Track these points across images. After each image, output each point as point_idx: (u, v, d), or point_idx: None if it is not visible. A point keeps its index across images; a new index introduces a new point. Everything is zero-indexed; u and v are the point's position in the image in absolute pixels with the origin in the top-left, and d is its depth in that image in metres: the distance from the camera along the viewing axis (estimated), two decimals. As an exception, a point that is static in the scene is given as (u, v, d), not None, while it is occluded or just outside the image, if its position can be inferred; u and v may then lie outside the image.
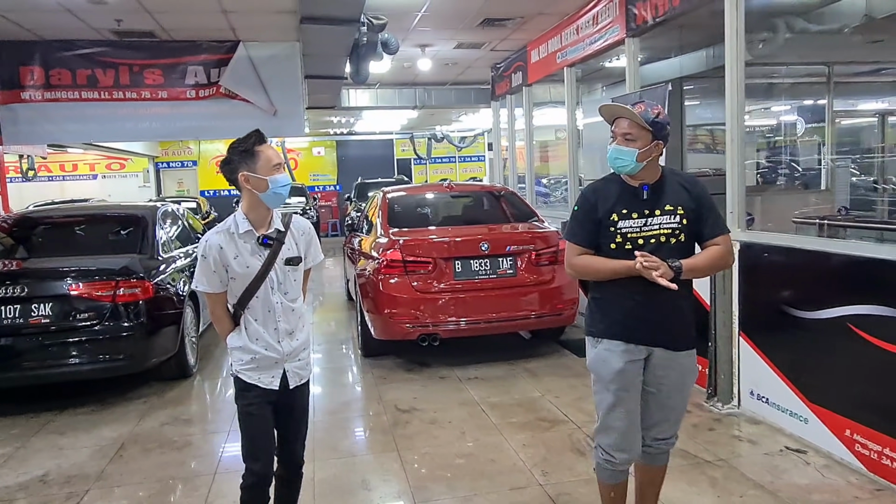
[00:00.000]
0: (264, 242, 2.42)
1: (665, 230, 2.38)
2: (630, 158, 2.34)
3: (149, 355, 4.91)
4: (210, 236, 2.43)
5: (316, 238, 2.62)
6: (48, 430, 4.39)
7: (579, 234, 2.48)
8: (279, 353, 2.46)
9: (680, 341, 2.46)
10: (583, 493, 3.25)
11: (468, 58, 8.72)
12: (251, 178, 2.36)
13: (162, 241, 5.60)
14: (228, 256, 2.40)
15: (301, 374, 2.54)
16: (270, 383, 2.46)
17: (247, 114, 7.07)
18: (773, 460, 3.51)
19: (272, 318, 2.44)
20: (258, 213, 2.43)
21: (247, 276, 2.41)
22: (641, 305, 2.38)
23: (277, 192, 2.39)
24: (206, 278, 2.42)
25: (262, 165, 2.37)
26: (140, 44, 6.90)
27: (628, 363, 2.42)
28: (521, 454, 3.72)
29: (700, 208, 2.42)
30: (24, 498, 3.46)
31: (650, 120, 2.34)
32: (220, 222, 2.47)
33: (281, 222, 2.49)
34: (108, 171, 21.96)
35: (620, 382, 2.43)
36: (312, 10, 5.22)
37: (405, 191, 6.90)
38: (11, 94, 6.72)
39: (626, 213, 2.39)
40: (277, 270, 2.44)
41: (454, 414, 4.41)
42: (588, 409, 4.36)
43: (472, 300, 5.24)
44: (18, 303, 4.50)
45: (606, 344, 2.45)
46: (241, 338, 2.46)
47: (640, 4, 5.26)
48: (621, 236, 2.39)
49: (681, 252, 2.39)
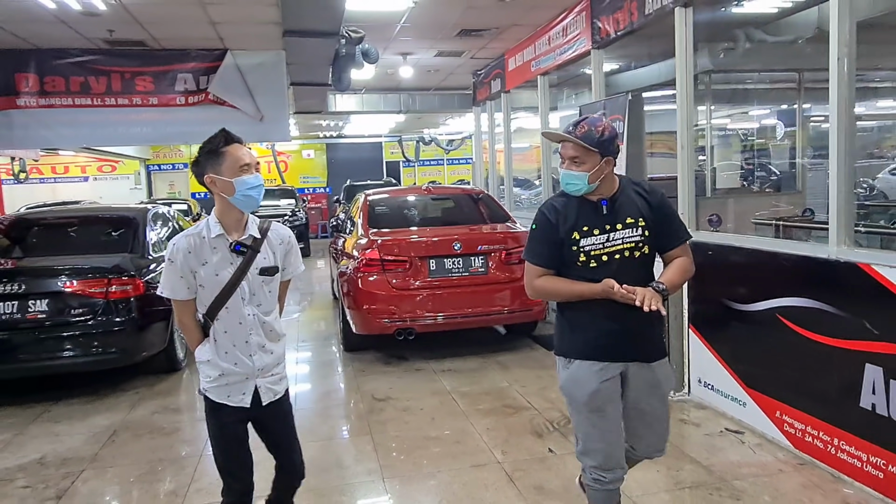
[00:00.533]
0: (236, 249, 2.27)
1: (628, 244, 2.34)
2: (582, 182, 2.32)
3: (139, 349, 5.19)
4: (178, 239, 2.30)
5: (297, 248, 2.47)
6: (44, 419, 4.67)
7: (539, 254, 2.41)
8: (249, 368, 2.32)
9: (654, 352, 2.45)
10: (536, 469, 3.57)
11: (449, 65, 9.05)
12: (217, 181, 2.22)
13: (152, 242, 5.88)
14: (196, 262, 2.25)
15: (275, 389, 2.40)
16: (241, 401, 2.32)
17: (234, 119, 7.36)
18: (713, 440, 3.84)
19: (243, 330, 2.30)
20: (230, 217, 2.29)
21: (216, 285, 2.26)
22: (617, 323, 2.33)
23: (246, 195, 2.23)
24: (170, 283, 2.28)
25: (228, 167, 2.21)
26: (131, 52, 7.19)
27: (603, 382, 2.36)
28: (484, 437, 4.04)
29: (660, 217, 2.39)
30: (24, 478, 3.74)
31: (595, 140, 2.29)
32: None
33: (258, 229, 2.34)
34: (100, 174, 22.13)
35: (596, 403, 2.36)
36: (294, 24, 5.55)
37: (386, 193, 7.22)
38: (7, 100, 7.00)
39: (588, 230, 2.34)
40: (250, 280, 2.29)
41: (426, 402, 4.72)
42: (551, 396, 4.69)
43: (446, 297, 5.56)
44: (16, 299, 4.78)
45: (579, 364, 2.39)
46: (209, 351, 2.32)
47: (603, 18, 5.60)
48: (585, 255, 2.33)
49: (646, 264, 2.38)
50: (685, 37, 4.51)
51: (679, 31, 4.51)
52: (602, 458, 2.38)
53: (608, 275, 2.28)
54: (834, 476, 3.28)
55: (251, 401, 2.33)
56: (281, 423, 2.44)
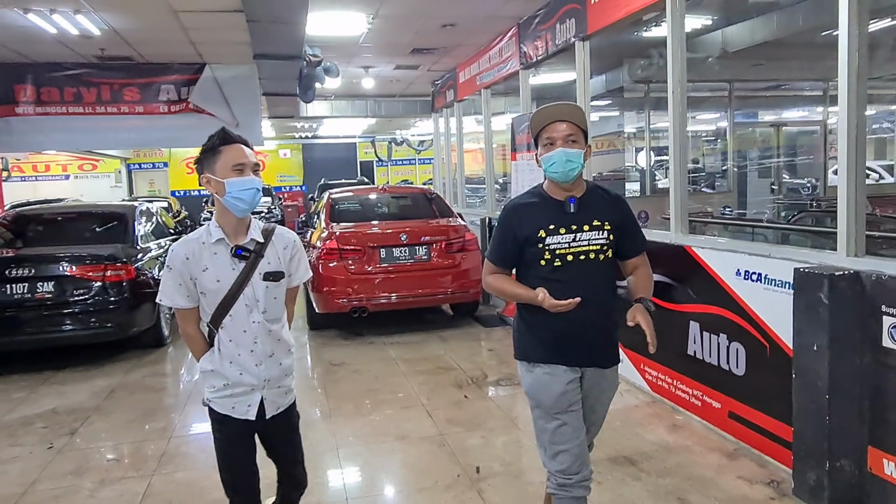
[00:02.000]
0: (238, 254, 2.17)
1: (594, 246, 2.31)
2: (579, 161, 2.26)
3: (131, 325, 6.09)
4: (176, 245, 2.21)
5: (303, 252, 2.37)
6: (52, 382, 5.56)
7: (496, 252, 2.43)
8: (256, 377, 2.22)
9: (609, 358, 2.45)
10: (451, 409, 4.55)
11: (409, 76, 10.01)
12: (211, 180, 2.14)
13: (140, 234, 6.77)
14: (196, 268, 2.16)
15: (279, 402, 2.30)
16: (246, 412, 2.23)
17: (212, 126, 8.03)
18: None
19: (248, 338, 2.20)
20: (229, 221, 2.19)
21: (219, 292, 2.16)
22: (571, 327, 2.31)
23: (237, 196, 2.12)
24: (169, 291, 2.19)
25: (221, 167, 2.12)
26: (120, 66, 8.05)
27: (568, 384, 2.35)
28: (415, 389, 5.01)
29: (625, 224, 2.39)
30: (41, 422, 4.64)
31: (583, 121, 2.32)
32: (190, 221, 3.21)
33: (260, 233, 2.24)
34: (80, 172, 22.67)
35: (561, 406, 2.34)
36: (261, 48, 6.48)
37: (348, 192, 8.16)
38: (7, 108, 7.84)
39: (554, 228, 2.29)
40: (254, 286, 2.19)
41: (374, 366, 5.68)
42: (477, 360, 5.69)
43: (395, 280, 6.52)
44: (26, 282, 5.66)
45: (544, 368, 2.36)
46: (214, 360, 2.23)
47: (528, 44, 6.59)
48: (549, 253, 2.29)
49: (609, 268, 2.36)
50: (584, 63, 5.51)
51: (578, 59, 5.51)
52: (570, 459, 2.33)
53: (571, 275, 2.28)
54: (673, 408, 4.32)
55: (256, 413, 2.23)
56: (286, 436, 2.37)
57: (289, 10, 5.08)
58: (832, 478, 2.92)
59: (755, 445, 3.59)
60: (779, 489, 3.21)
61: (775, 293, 3.34)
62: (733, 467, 3.48)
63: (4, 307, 5.61)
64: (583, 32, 5.39)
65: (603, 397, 2.51)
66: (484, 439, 4.02)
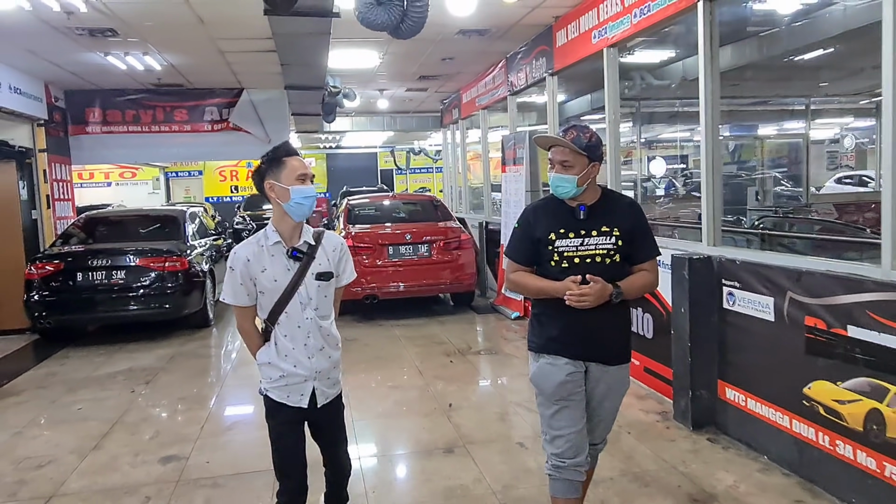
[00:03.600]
0: (293, 255, 2.37)
1: (601, 250, 2.44)
2: (571, 185, 2.44)
3: (184, 307, 7.43)
4: (238, 248, 2.41)
5: (349, 254, 2.56)
6: (124, 350, 6.92)
7: (517, 251, 2.58)
8: (308, 369, 2.40)
9: (613, 356, 2.53)
10: (437, 369, 5.79)
11: (419, 97, 11.31)
12: (275, 187, 2.34)
13: (190, 233, 8.14)
14: (256, 269, 2.36)
15: (329, 392, 2.49)
16: (299, 401, 2.42)
17: (248, 142, 9.65)
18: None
19: (302, 333, 2.38)
20: (286, 225, 2.39)
21: (275, 291, 2.35)
22: (575, 322, 2.44)
23: (299, 203, 2.34)
24: (232, 291, 2.39)
25: (286, 175, 2.33)
26: (171, 91, 9.47)
27: (569, 375, 2.49)
28: (412, 356, 6.26)
29: (635, 231, 2.50)
30: (121, 376, 5.98)
31: (583, 145, 2.43)
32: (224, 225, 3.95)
33: (312, 236, 2.44)
34: (121, 179, 24.23)
35: (560, 394, 2.49)
36: (291, 81, 7.82)
37: (364, 198, 9.46)
38: (79, 128, 9.30)
39: (564, 232, 2.46)
40: (307, 285, 2.38)
41: (381, 341, 6.94)
42: (466, 338, 6.91)
43: (401, 272, 7.78)
44: (104, 270, 7.04)
45: (548, 359, 2.52)
46: (271, 354, 2.41)
47: (512, 74, 7.84)
48: (558, 255, 2.45)
49: (615, 271, 2.45)
50: (553, 94, 6.74)
51: (548, 91, 6.74)
52: (565, 445, 2.50)
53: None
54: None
55: (308, 402, 2.42)
56: (333, 424, 2.56)
57: (313, 54, 6.40)
58: (695, 404, 4.10)
59: (659, 390, 4.76)
60: (664, 416, 4.40)
61: (665, 273, 4.53)
62: (639, 405, 4.66)
63: (86, 290, 7.00)
64: (551, 69, 6.62)
65: (610, 395, 2.57)
66: (459, 388, 5.26)
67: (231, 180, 23.48)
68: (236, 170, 23.21)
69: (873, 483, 2.95)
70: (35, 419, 4.90)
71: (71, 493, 3.64)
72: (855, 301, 2.99)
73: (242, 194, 22.03)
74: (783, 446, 3.51)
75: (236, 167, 23.00)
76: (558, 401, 2.51)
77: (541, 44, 6.78)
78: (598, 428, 2.63)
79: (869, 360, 2.94)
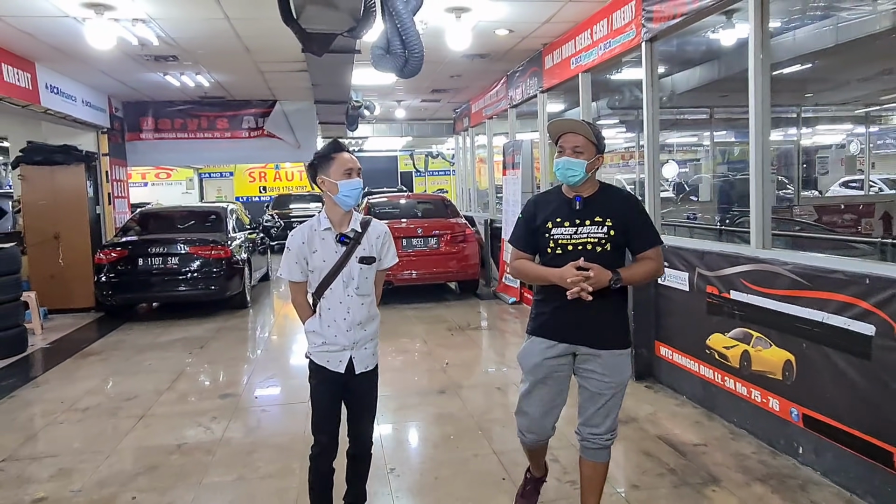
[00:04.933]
0: (341, 240, 2.61)
1: (592, 239, 2.56)
2: (580, 169, 2.55)
3: (227, 289, 8.66)
4: (296, 231, 2.69)
5: (391, 242, 2.78)
6: (177, 325, 8.18)
7: (519, 238, 2.73)
8: (347, 339, 2.65)
9: (602, 341, 2.60)
10: (439, 339, 6.93)
11: (433, 106, 12.49)
12: (326, 182, 2.58)
13: (231, 227, 9.39)
14: (308, 250, 2.62)
15: (366, 362, 2.72)
16: (338, 367, 2.66)
17: (281, 147, 10.91)
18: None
19: (343, 308, 2.63)
20: (335, 214, 2.64)
21: (323, 269, 2.61)
22: (564, 307, 2.55)
23: (347, 195, 2.58)
24: (288, 268, 2.67)
25: (335, 170, 2.57)
26: (214, 102, 10.77)
27: (547, 359, 2.63)
28: (420, 331, 7.41)
29: (629, 222, 2.59)
30: (178, 342, 7.22)
31: (595, 134, 2.57)
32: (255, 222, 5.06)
33: (359, 224, 2.66)
34: (157, 180, 25.62)
35: (536, 375, 2.66)
36: (320, 97, 9.03)
37: (382, 197, 10.65)
38: (134, 135, 10.64)
39: (560, 221, 2.59)
40: (351, 267, 2.61)
41: (394, 320, 8.10)
42: (467, 318, 8.05)
43: (414, 262, 8.94)
44: (161, 256, 8.31)
45: (531, 340, 2.70)
46: (315, 323, 2.68)
47: (512, 90, 8.96)
48: (553, 242, 2.58)
49: (606, 260, 2.53)
50: (543, 108, 7.84)
51: (539, 106, 7.85)
52: (528, 421, 2.72)
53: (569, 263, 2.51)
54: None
55: (346, 368, 2.67)
56: (365, 391, 2.77)
57: (339, 76, 7.59)
58: (637, 360, 5.17)
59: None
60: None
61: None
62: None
63: (145, 273, 8.27)
64: (542, 87, 7.73)
65: (606, 381, 2.61)
66: (455, 353, 6.39)
67: (259, 181, 24.83)
68: (264, 171, 24.57)
69: (745, 405, 4.03)
70: (116, 370, 6.15)
71: (157, 414, 4.85)
72: (735, 272, 4.08)
73: (270, 194, 23.37)
74: (694, 386, 4.59)
75: (264, 169, 24.35)
76: (533, 381, 2.69)
77: (534, 65, 7.90)
78: (596, 415, 2.65)
79: (742, 315, 4.02)
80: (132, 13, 5.59)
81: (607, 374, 2.62)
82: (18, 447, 4.26)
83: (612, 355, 2.62)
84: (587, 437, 2.69)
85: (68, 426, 4.67)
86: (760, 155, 4.01)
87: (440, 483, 3.57)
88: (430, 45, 6.47)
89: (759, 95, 3.96)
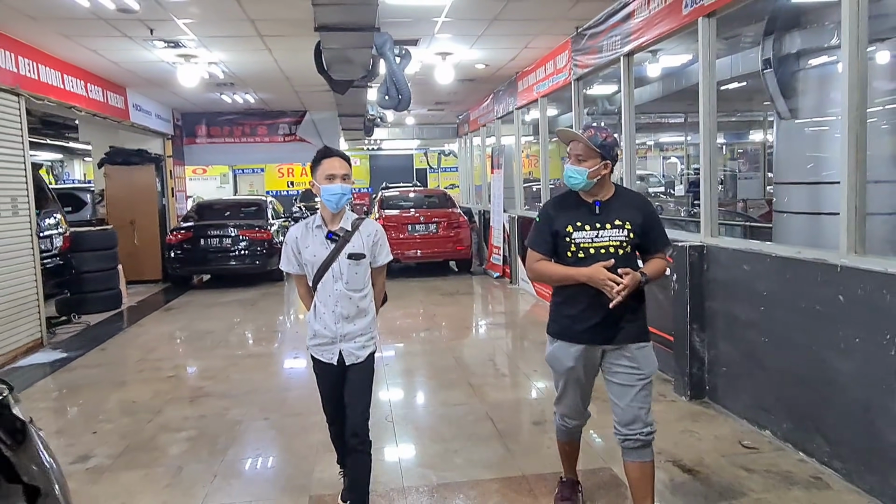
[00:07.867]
0: (329, 237, 2.80)
1: (613, 242, 2.64)
2: (582, 176, 2.65)
3: (268, 265, 10.83)
4: (291, 228, 2.93)
5: (384, 240, 2.94)
6: (232, 291, 10.39)
7: (538, 242, 2.77)
8: (334, 333, 2.82)
9: (625, 336, 2.69)
10: (435, 303, 9.05)
11: (439, 114, 14.62)
12: (314, 184, 2.83)
13: (270, 215, 11.60)
14: (301, 245, 2.85)
15: (357, 354, 2.86)
16: (329, 359, 2.85)
17: (310, 150, 12.78)
18: (513, 293, 9.26)
19: (332, 302, 2.80)
20: (326, 213, 2.84)
21: (314, 264, 2.81)
22: (587, 309, 2.64)
23: (327, 198, 2.77)
24: (286, 259, 2.92)
25: (320, 174, 2.79)
26: (256, 112, 13.00)
27: (577, 359, 2.72)
28: (418, 296, 9.52)
29: (646, 225, 2.71)
30: (234, 303, 9.43)
31: (598, 143, 2.64)
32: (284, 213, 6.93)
33: (350, 223, 2.83)
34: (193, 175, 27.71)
35: (570, 375, 2.79)
36: (342, 111, 11.18)
37: (394, 191, 12.80)
38: (191, 140, 12.94)
39: (580, 225, 2.67)
40: (340, 263, 2.78)
41: (400, 289, 10.20)
42: (460, 288, 10.15)
43: (417, 243, 11.06)
44: (216, 238, 10.54)
45: (558, 344, 2.77)
46: (310, 315, 2.90)
47: (497, 105, 11.02)
48: (575, 245, 2.65)
49: (627, 261, 2.64)
50: (518, 124, 9.89)
51: (515, 121, 9.90)
52: (569, 410, 2.91)
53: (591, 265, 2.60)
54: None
55: (337, 360, 2.85)
56: (357, 381, 2.90)
57: (357, 98, 9.75)
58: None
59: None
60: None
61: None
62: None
63: (204, 251, 10.51)
64: (516, 106, 9.79)
65: (635, 373, 2.69)
66: (443, 308, 8.51)
67: (288, 176, 27.13)
68: (292, 167, 26.86)
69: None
70: (194, 317, 8.39)
71: (230, 340, 7.06)
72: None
73: (297, 188, 25.64)
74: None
75: (292, 165, 26.65)
76: (567, 381, 2.82)
77: (511, 87, 9.96)
78: (628, 411, 2.68)
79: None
80: (209, 59, 7.79)
81: (635, 365, 2.70)
82: (146, 355, 6.50)
83: (638, 348, 2.71)
84: (627, 435, 2.71)
85: (173, 345, 6.91)
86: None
87: (414, 370, 5.72)
88: (426, 76, 8.64)
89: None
